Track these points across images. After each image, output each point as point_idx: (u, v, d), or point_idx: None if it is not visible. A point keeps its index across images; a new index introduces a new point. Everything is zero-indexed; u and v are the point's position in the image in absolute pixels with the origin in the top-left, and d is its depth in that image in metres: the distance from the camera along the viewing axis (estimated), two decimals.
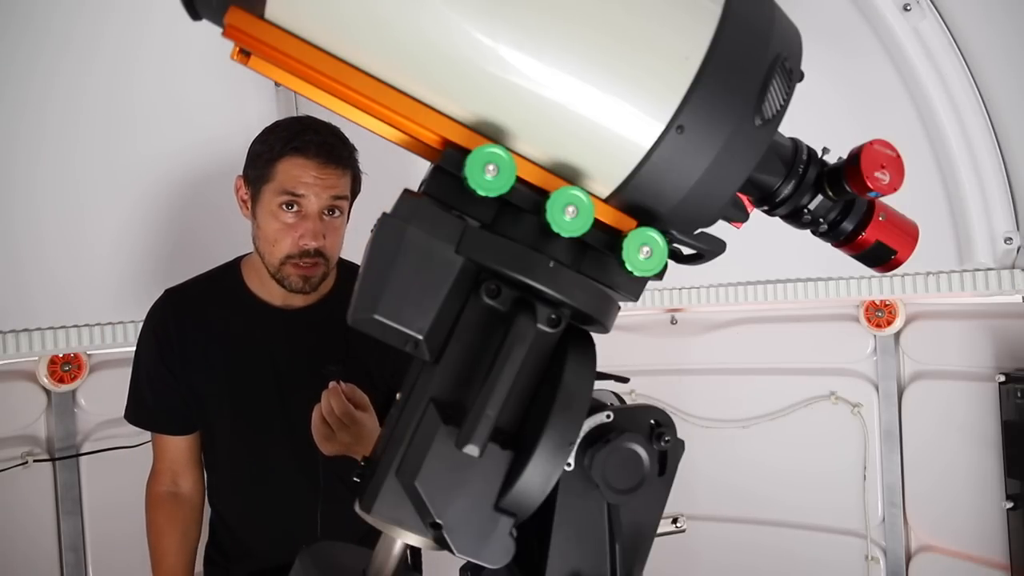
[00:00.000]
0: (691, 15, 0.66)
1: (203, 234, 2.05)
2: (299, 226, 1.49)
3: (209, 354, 1.60)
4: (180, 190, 2.11)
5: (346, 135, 1.53)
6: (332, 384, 1.38)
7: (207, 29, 0.69)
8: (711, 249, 0.74)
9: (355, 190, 1.58)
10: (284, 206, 1.48)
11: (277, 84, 0.99)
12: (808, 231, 0.81)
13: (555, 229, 0.66)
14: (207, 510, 1.75)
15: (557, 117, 0.66)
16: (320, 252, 1.51)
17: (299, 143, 1.46)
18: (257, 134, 1.56)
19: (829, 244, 0.82)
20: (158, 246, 2.08)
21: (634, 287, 0.72)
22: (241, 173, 1.56)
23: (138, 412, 1.67)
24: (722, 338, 2.65)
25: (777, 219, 0.81)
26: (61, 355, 2.11)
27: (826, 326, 2.52)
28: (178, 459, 1.67)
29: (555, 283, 0.68)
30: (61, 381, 2.12)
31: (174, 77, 2.01)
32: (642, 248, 0.68)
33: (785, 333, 2.57)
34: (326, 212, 1.51)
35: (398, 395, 0.77)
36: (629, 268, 0.68)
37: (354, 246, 1.77)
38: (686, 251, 0.75)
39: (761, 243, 1.36)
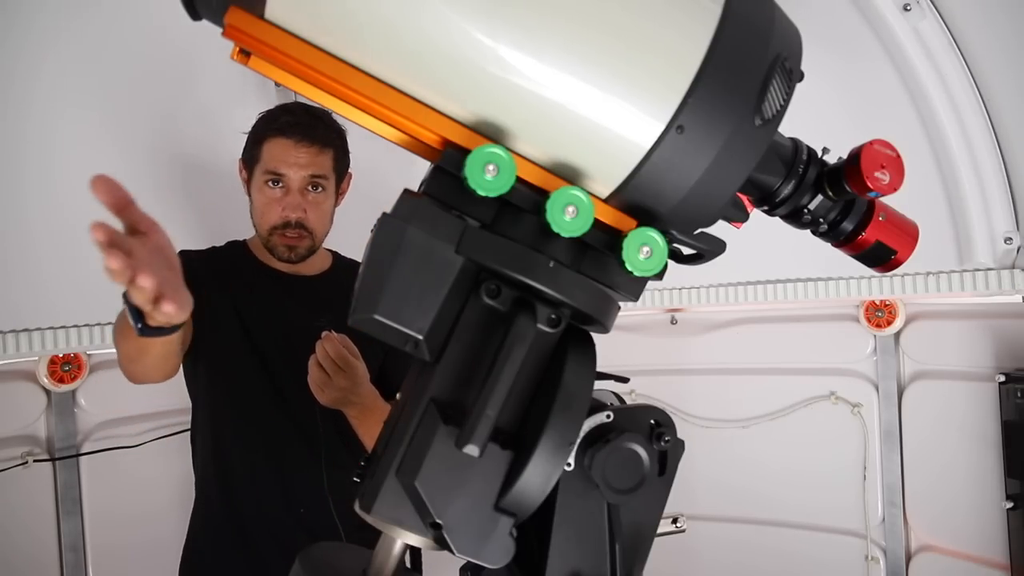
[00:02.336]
0: (691, 15, 0.66)
1: (203, 233, 2.04)
2: (283, 200, 1.62)
3: (222, 310, 1.64)
4: (180, 190, 2.11)
5: (333, 118, 1.63)
6: (325, 332, 1.48)
7: (207, 29, 0.69)
8: (711, 249, 0.74)
9: (340, 168, 1.69)
10: (270, 183, 1.62)
11: (277, 84, 0.99)
12: (808, 231, 0.81)
13: (555, 229, 0.66)
14: (187, 527, 1.73)
15: (557, 117, 0.66)
16: (302, 224, 1.63)
17: (278, 124, 1.62)
18: None
19: (829, 244, 0.82)
20: None
21: (634, 287, 0.72)
22: (240, 157, 1.70)
23: None
24: (722, 338, 2.65)
25: (777, 219, 0.81)
26: (61, 355, 2.11)
27: (826, 326, 2.52)
28: None
29: (555, 283, 0.68)
30: (61, 381, 2.12)
31: (174, 78, 2.01)
32: (642, 248, 0.68)
33: (785, 333, 2.57)
34: (309, 188, 1.63)
35: (398, 395, 0.77)
36: (629, 268, 0.68)
37: (354, 246, 1.77)
38: (686, 251, 0.75)
39: (761, 243, 1.36)
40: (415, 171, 0.75)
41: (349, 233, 1.74)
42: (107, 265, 0.75)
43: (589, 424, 0.72)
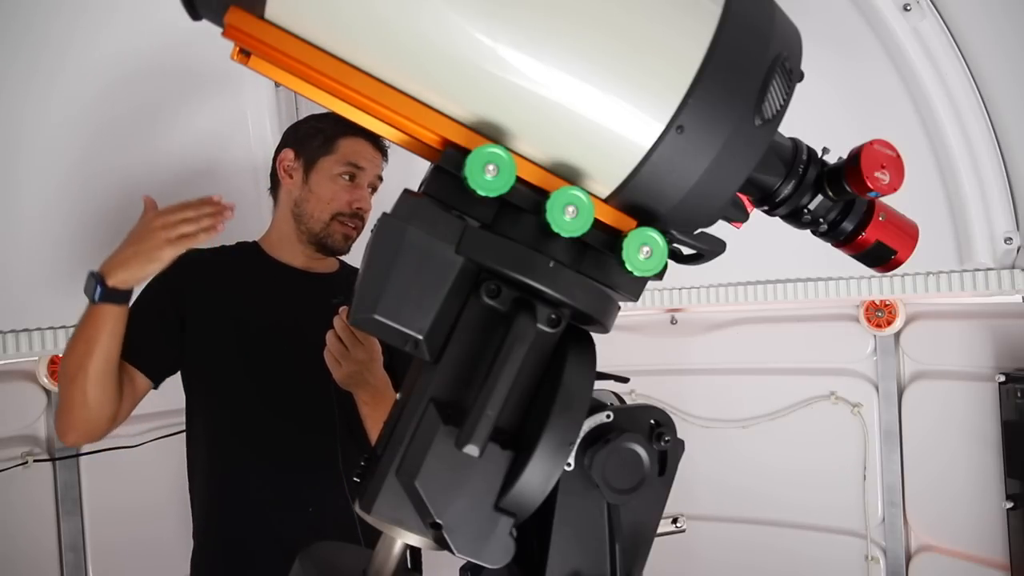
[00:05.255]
0: (691, 15, 0.66)
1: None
2: (355, 191, 1.72)
3: (233, 310, 1.65)
4: (181, 189, 2.10)
5: None
6: (342, 308, 1.50)
7: (207, 29, 0.69)
8: (711, 249, 0.74)
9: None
10: (345, 176, 1.71)
11: (277, 84, 0.99)
12: (808, 231, 0.81)
13: (555, 229, 0.66)
14: (189, 531, 1.72)
15: (557, 117, 0.66)
16: (362, 216, 1.74)
17: (354, 127, 1.61)
18: (298, 119, 1.84)
19: (829, 244, 0.82)
20: None
21: (634, 287, 0.72)
22: (289, 147, 1.75)
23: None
24: (722, 338, 2.65)
25: (777, 219, 0.81)
26: (61, 355, 2.10)
27: (826, 326, 2.52)
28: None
29: (555, 283, 0.68)
30: None
31: (174, 78, 2.01)
32: (642, 248, 0.68)
33: (785, 333, 2.57)
34: (371, 187, 1.76)
35: (398, 395, 0.77)
36: (629, 268, 0.68)
37: (354, 246, 1.78)
38: (686, 251, 0.75)
39: (761, 243, 1.36)
40: (415, 171, 0.75)
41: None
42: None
43: (589, 424, 0.72)
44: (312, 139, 1.74)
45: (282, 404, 1.63)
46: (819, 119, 1.25)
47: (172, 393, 1.73)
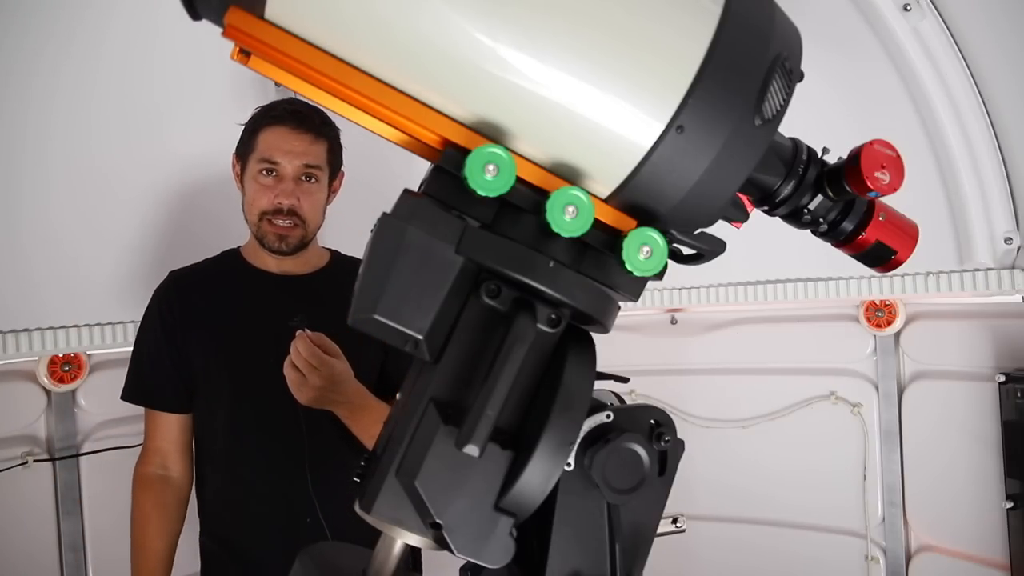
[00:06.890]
0: (691, 15, 0.66)
1: (203, 233, 2.05)
2: (275, 187, 1.63)
3: (214, 325, 1.67)
4: (179, 190, 2.11)
5: (329, 117, 1.64)
6: (299, 332, 1.47)
7: (207, 29, 0.69)
8: (711, 249, 0.74)
9: (334, 161, 1.70)
10: (263, 172, 1.64)
11: (277, 84, 0.99)
12: (808, 231, 0.81)
13: (555, 229, 0.66)
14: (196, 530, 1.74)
15: (557, 117, 0.66)
16: (294, 212, 1.64)
17: (274, 113, 1.65)
18: None
19: (829, 244, 0.82)
20: (158, 246, 2.08)
21: (634, 287, 0.72)
22: (235, 151, 1.73)
23: (135, 387, 1.71)
24: (722, 338, 2.65)
25: (777, 219, 0.81)
26: (61, 355, 2.11)
27: (826, 326, 2.52)
28: (169, 439, 1.71)
29: (555, 283, 0.68)
30: (61, 381, 2.12)
31: (174, 78, 2.01)
32: (642, 248, 0.68)
33: (785, 333, 2.57)
34: (302, 178, 1.65)
35: (398, 395, 0.77)
36: (629, 268, 0.68)
37: (354, 246, 1.78)
38: (686, 251, 0.75)
39: (761, 243, 1.36)
40: (415, 171, 0.75)
41: (349, 233, 1.74)
42: None
43: (589, 424, 0.72)
44: (243, 139, 1.69)
45: (261, 410, 1.63)
46: (819, 119, 1.26)
47: None
